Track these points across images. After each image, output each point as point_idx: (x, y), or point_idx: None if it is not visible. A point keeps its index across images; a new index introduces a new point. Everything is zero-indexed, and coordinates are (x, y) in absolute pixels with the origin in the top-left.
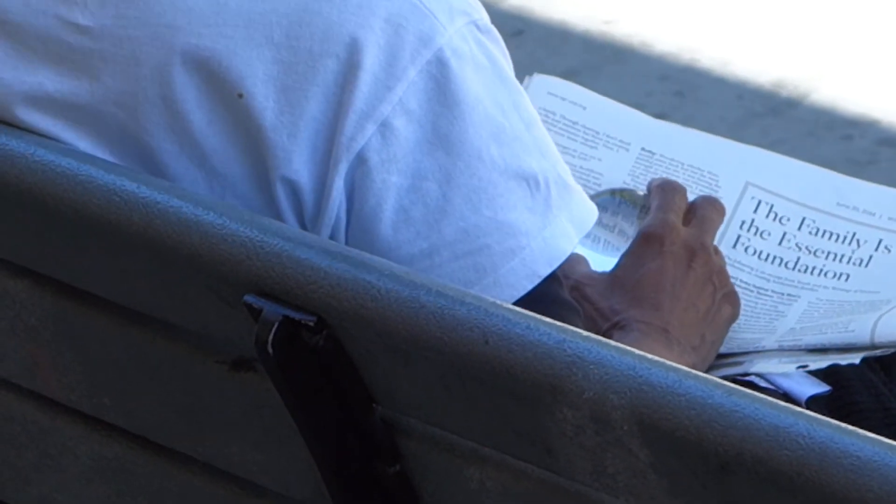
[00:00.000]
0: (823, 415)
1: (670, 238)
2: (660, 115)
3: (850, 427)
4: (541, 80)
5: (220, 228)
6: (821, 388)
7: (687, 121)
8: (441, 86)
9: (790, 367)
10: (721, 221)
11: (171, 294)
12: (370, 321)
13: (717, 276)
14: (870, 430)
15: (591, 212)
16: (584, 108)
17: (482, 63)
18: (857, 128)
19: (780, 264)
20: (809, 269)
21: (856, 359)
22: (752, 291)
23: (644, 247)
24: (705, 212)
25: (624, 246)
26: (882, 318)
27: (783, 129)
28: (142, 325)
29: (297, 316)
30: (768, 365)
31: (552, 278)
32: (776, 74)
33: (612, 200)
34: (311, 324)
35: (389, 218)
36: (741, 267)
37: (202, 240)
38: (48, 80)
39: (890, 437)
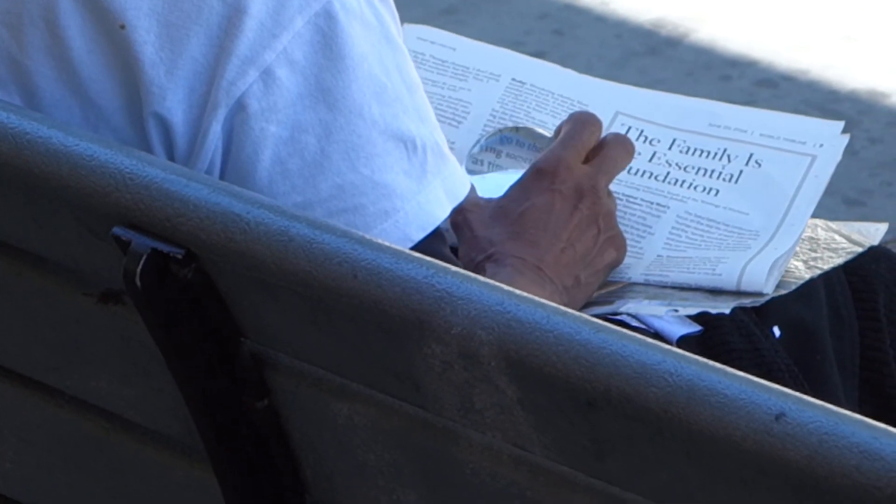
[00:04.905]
0: (694, 354)
1: (561, 176)
2: (538, 54)
3: (718, 365)
4: (410, 28)
5: (88, 160)
6: (692, 328)
7: (565, 59)
8: (328, 39)
9: (660, 310)
10: (628, 162)
11: (40, 226)
12: (238, 254)
13: (604, 218)
14: (741, 371)
15: (464, 183)
16: (454, 50)
17: (370, 22)
18: (735, 68)
19: (649, 177)
20: (679, 182)
21: (725, 309)
22: (621, 200)
23: (533, 181)
24: (610, 151)
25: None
26: (749, 264)
27: (662, 68)
28: (9, 257)
29: (165, 248)
30: (639, 306)
31: (434, 235)
32: (656, 14)
33: (511, 138)
34: (180, 257)
35: (266, 168)
36: None
37: (71, 171)
38: None
39: (760, 378)
